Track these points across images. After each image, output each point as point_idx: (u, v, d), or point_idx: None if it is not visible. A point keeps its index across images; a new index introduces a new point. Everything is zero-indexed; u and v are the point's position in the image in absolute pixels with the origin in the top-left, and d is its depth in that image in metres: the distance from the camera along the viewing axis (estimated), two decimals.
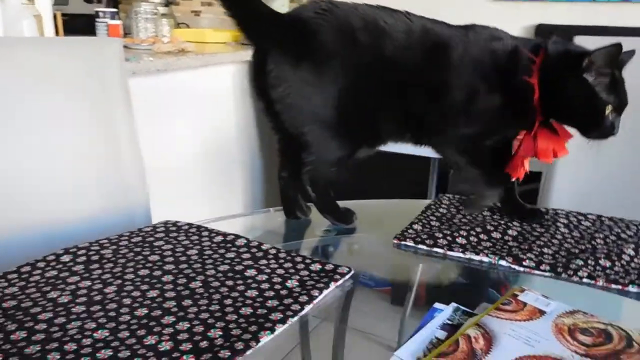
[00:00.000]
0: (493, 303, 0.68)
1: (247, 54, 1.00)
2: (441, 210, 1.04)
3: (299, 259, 0.80)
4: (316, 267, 0.78)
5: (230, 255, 0.80)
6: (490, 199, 0.98)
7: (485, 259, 0.85)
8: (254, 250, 0.82)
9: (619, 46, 0.82)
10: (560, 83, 0.87)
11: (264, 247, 0.83)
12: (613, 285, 0.78)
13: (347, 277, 0.76)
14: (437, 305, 0.69)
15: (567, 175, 1.34)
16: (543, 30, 2.35)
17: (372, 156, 0.99)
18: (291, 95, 0.89)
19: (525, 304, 0.67)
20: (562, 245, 0.89)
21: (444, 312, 0.68)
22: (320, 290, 0.72)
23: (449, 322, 0.66)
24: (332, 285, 0.73)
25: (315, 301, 0.69)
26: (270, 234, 1.08)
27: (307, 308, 0.68)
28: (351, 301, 0.78)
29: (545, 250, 0.87)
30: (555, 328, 0.63)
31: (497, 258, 0.85)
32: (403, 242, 0.91)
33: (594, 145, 0.89)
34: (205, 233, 0.87)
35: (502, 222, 0.97)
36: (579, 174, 1.33)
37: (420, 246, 0.89)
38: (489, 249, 0.88)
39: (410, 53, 0.89)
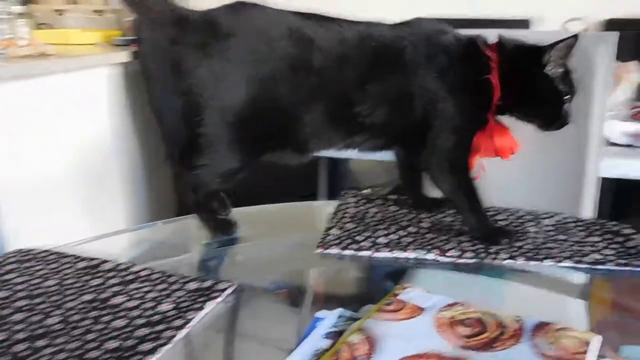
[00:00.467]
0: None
1: (122, 55, 0.92)
2: (350, 210, 1.02)
3: (173, 278, 0.74)
4: (193, 285, 0.72)
5: (96, 282, 0.73)
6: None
7: (412, 255, 0.85)
8: (123, 273, 0.75)
9: (576, 37, 0.83)
10: (522, 79, 0.86)
11: (134, 269, 0.76)
12: (531, 262, 0.82)
13: (227, 292, 0.72)
14: (319, 313, 0.67)
15: None
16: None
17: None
18: (195, 91, 0.84)
19: (406, 302, 0.67)
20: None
21: (327, 319, 0.65)
22: (197, 310, 0.67)
23: (333, 329, 0.64)
24: (210, 304, 0.68)
25: (191, 324, 0.64)
26: (155, 250, 1.00)
27: (182, 333, 0.62)
28: (238, 314, 0.75)
29: (462, 238, 0.89)
30: (437, 323, 0.63)
31: (423, 252, 0.84)
32: (327, 250, 0.87)
33: None
34: (67, 259, 0.78)
35: (412, 215, 0.98)
36: None
37: (345, 252, 0.86)
38: (412, 244, 0.87)
39: (348, 62, 0.86)
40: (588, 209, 1.28)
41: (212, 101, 0.84)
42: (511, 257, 0.83)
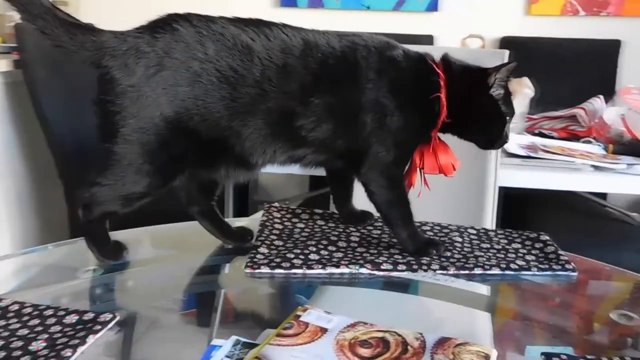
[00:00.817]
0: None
1: (1, 64, 0.81)
2: (277, 226, 0.97)
3: (49, 312, 0.66)
4: (72, 318, 0.65)
5: None
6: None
7: (346, 270, 0.82)
8: None
9: (515, 62, 0.87)
10: (468, 98, 0.86)
11: (2, 303, 0.67)
12: (462, 272, 0.83)
13: (110, 325, 0.65)
14: (215, 341, 0.62)
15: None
16: None
17: None
18: (114, 109, 0.77)
19: (307, 325, 0.64)
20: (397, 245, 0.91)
21: (223, 348, 0.61)
22: (75, 347, 0.59)
23: (227, 359, 0.59)
24: (91, 339, 0.61)
25: None
26: (43, 276, 0.91)
27: None
28: (129, 345, 0.69)
29: (392, 251, 0.88)
30: (337, 345, 0.60)
31: (357, 267, 0.82)
32: (257, 270, 0.82)
33: None
34: None
35: (340, 229, 0.96)
36: None
37: (277, 271, 0.81)
38: (344, 259, 0.85)
39: (291, 72, 0.80)
40: (489, 218, 1.32)
41: (131, 120, 0.77)
42: (442, 268, 0.83)
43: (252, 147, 0.83)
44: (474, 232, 0.99)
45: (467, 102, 0.87)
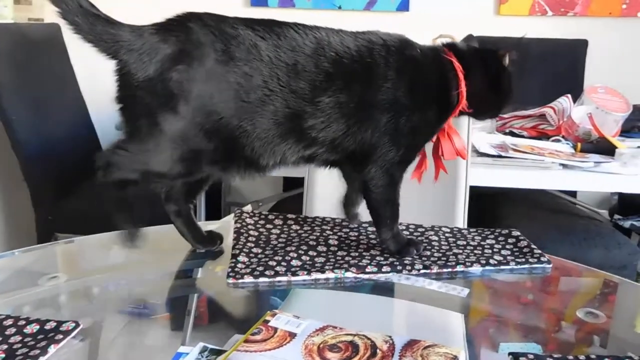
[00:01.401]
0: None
1: None
2: (252, 232, 0.95)
3: (9, 321, 0.64)
4: (33, 328, 0.63)
5: None
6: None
7: (332, 275, 0.81)
8: None
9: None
10: (484, 82, 0.87)
11: None
12: (445, 270, 0.84)
13: (73, 334, 0.63)
14: (181, 349, 0.61)
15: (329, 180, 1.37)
16: None
17: None
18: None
19: (276, 329, 0.63)
20: (376, 245, 0.91)
21: (189, 355, 0.60)
22: (35, 358, 0.57)
23: None
24: (52, 349, 0.60)
25: None
26: (7, 283, 0.87)
27: None
28: (95, 354, 0.67)
29: (373, 252, 0.88)
30: (305, 350, 0.59)
31: (342, 272, 0.82)
32: (240, 280, 0.80)
33: None
34: None
35: (317, 233, 0.95)
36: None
37: (261, 279, 0.80)
38: (327, 264, 0.84)
39: (302, 71, 0.79)
40: (460, 217, 1.33)
41: (155, 111, 0.77)
42: (425, 267, 0.84)
43: (262, 148, 0.81)
44: (448, 230, 1.00)
45: (484, 85, 0.88)
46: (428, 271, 0.84)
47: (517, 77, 0.91)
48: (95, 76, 1.78)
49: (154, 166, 0.79)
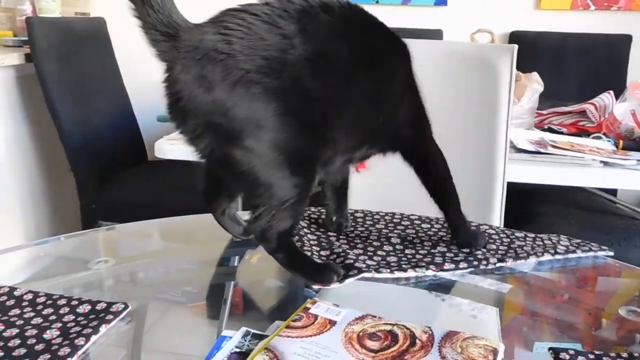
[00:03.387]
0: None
1: (14, 57, 0.81)
2: (310, 237, 0.90)
3: (62, 301, 0.67)
4: (85, 308, 0.66)
5: None
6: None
7: (412, 274, 0.80)
8: (2, 298, 0.67)
9: None
10: None
11: (16, 292, 0.68)
12: (518, 261, 0.84)
13: (122, 315, 0.66)
14: (225, 332, 0.63)
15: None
16: None
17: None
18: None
19: (316, 317, 0.64)
20: (439, 241, 0.89)
21: (232, 339, 0.62)
22: (88, 337, 0.60)
23: (237, 349, 0.60)
24: (103, 329, 0.62)
25: (79, 352, 0.58)
26: (55, 267, 0.91)
27: None
28: (141, 334, 0.69)
29: (440, 249, 0.86)
30: (345, 337, 0.61)
31: (423, 270, 0.80)
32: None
33: None
34: None
35: (373, 229, 0.93)
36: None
37: (347, 280, 0.77)
38: (402, 262, 0.82)
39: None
40: (496, 214, 1.32)
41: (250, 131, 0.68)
42: (500, 260, 0.83)
43: (340, 144, 0.76)
44: (495, 227, 0.98)
45: None
46: (504, 264, 0.83)
47: (555, 73, 0.89)
48: (137, 69, 1.83)
49: (284, 194, 0.71)
